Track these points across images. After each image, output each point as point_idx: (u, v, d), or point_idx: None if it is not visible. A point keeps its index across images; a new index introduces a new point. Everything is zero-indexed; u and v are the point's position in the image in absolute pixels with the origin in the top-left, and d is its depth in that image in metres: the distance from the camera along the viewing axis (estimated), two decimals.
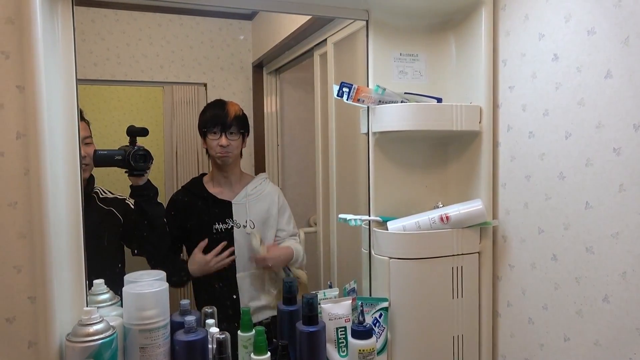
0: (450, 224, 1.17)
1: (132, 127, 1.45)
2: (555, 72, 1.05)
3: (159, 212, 1.49)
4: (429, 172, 1.29)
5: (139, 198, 1.44)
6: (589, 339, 1.00)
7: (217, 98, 1.71)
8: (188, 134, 2.21)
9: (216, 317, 1.13)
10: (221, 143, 1.58)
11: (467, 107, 1.19)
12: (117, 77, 2.08)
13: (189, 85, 2.22)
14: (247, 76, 2.26)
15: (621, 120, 0.92)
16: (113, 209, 1.49)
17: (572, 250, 1.02)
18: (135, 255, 1.51)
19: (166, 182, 2.19)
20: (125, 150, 1.40)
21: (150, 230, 1.48)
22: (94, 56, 2.04)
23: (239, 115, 1.63)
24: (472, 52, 1.22)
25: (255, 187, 1.68)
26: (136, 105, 2.36)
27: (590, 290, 0.99)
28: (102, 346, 0.86)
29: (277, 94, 2.26)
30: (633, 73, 0.89)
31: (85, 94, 2.16)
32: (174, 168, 2.23)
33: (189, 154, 2.21)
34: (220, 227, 1.60)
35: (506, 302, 1.21)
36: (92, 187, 1.47)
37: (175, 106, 2.24)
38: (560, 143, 1.04)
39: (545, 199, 1.09)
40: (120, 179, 1.53)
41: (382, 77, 1.24)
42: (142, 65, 2.11)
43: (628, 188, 0.91)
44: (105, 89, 2.25)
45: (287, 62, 2.07)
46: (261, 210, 1.65)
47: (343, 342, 1.14)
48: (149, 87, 2.27)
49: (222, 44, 2.24)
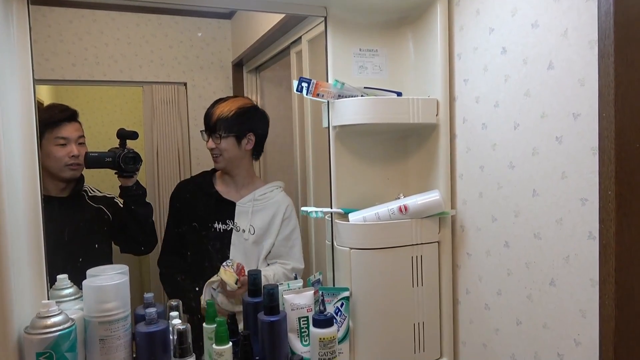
0: (409, 215, 1.20)
1: (123, 129, 1.49)
2: (504, 65, 1.08)
3: (147, 212, 1.52)
4: (389, 165, 1.32)
5: (128, 198, 1.48)
6: (539, 322, 1.03)
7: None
8: (169, 134, 2.22)
9: (181, 309, 1.16)
10: (208, 146, 1.53)
11: (424, 100, 1.22)
12: (95, 77, 2.09)
13: (169, 85, 2.23)
14: (227, 75, 2.27)
15: (562, 110, 0.95)
16: (102, 207, 1.52)
17: (522, 236, 1.06)
18: (123, 252, 1.53)
19: (147, 183, 2.20)
20: (115, 152, 1.45)
21: (139, 229, 1.51)
22: (72, 57, 2.04)
23: (226, 116, 1.51)
24: (429, 47, 1.25)
25: (264, 194, 1.59)
26: (118, 105, 2.37)
27: (538, 275, 1.02)
28: (60, 338, 0.88)
29: (257, 92, 2.28)
30: (572, 63, 0.92)
31: (65, 95, 2.19)
32: (155, 168, 2.24)
33: (170, 153, 2.22)
34: (219, 227, 1.54)
35: (465, 289, 1.24)
36: (82, 186, 1.50)
37: (155, 106, 2.24)
38: (509, 133, 1.08)
39: (497, 188, 1.12)
40: (107, 178, 1.56)
41: (343, 72, 1.27)
42: (120, 65, 2.12)
43: (569, 175, 0.94)
44: (85, 89, 2.26)
45: (266, 61, 2.09)
46: (264, 218, 1.56)
47: (305, 331, 1.17)
48: (129, 87, 2.28)
49: (201, 43, 2.24)
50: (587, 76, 0.89)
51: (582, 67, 0.90)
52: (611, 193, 0.85)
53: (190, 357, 1.01)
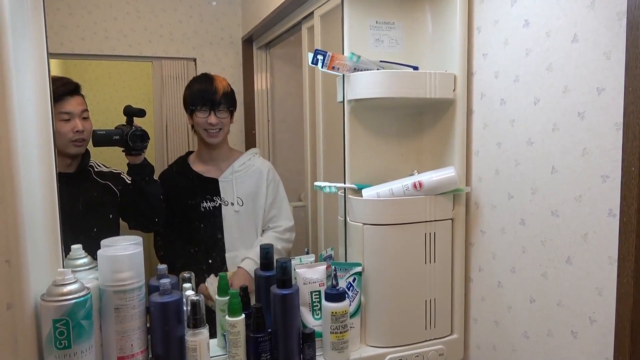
0: (423, 191, 1.19)
1: (130, 107, 1.47)
2: (526, 38, 1.05)
3: (155, 189, 1.53)
4: (404, 141, 1.31)
5: (136, 176, 1.48)
6: (553, 299, 1.02)
7: (203, 72, 1.70)
8: (178, 110, 2.21)
9: (194, 281, 1.16)
10: (210, 121, 1.57)
11: (441, 74, 1.20)
12: (105, 52, 2.07)
13: (178, 60, 2.21)
14: (237, 51, 2.25)
15: (586, 84, 0.92)
16: (109, 183, 1.52)
17: (539, 214, 1.04)
18: (132, 229, 1.54)
19: (157, 159, 2.21)
20: (123, 130, 1.43)
21: (147, 206, 1.51)
22: (81, 30, 2.03)
23: (228, 91, 1.61)
24: (448, 20, 1.22)
25: (242, 164, 1.66)
26: (126, 80, 2.36)
27: (554, 253, 1.01)
28: (76, 305, 0.88)
29: (267, 69, 2.25)
30: (598, 36, 0.90)
31: (74, 69, 2.17)
32: (164, 144, 2.24)
33: (179, 129, 2.22)
34: (208, 205, 1.60)
35: (478, 267, 1.24)
36: (88, 161, 1.49)
37: (164, 81, 2.23)
38: (529, 109, 1.05)
39: (515, 165, 1.10)
40: (114, 154, 1.55)
41: (358, 45, 1.24)
42: (130, 40, 2.10)
43: (591, 151, 0.92)
44: (94, 64, 2.24)
45: (277, 37, 2.06)
46: (249, 187, 1.63)
47: (317, 305, 1.18)
48: (138, 62, 2.26)
49: (211, 18, 2.22)
50: (613, 49, 0.86)
51: (609, 40, 0.87)
52: (635, 169, 0.83)
53: (204, 327, 1.02)
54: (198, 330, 1.01)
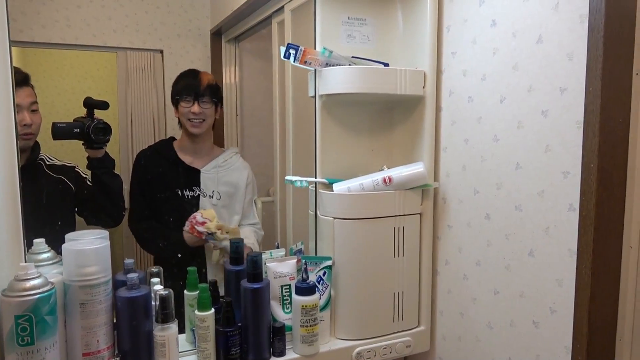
0: (392, 186, 1.21)
1: (90, 99, 1.42)
2: (493, 38, 1.09)
3: (117, 184, 1.50)
4: (374, 136, 1.32)
5: (97, 170, 1.44)
6: (516, 291, 1.06)
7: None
8: (144, 102, 2.16)
9: (162, 276, 1.14)
10: (193, 110, 1.59)
11: (411, 72, 1.22)
12: (67, 41, 2.00)
13: (145, 52, 2.15)
14: (205, 44, 2.21)
15: (549, 84, 0.96)
16: (63, 177, 1.46)
17: (503, 209, 1.08)
18: (90, 225, 1.49)
19: (121, 152, 2.15)
20: (84, 122, 1.38)
21: (109, 202, 1.48)
22: (42, 17, 1.95)
23: (212, 84, 1.65)
24: (418, 18, 1.24)
25: (225, 160, 1.69)
26: (89, 71, 2.27)
27: (517, 246, 1.05)
28: (40, 301, 0.86)
29: (236, 62, 2.23)
30: (561, 38, 0.93)
31: (34, 58, 2.08)
32: (129, 138, 2.18)
33: (144, 123, 2.16)
34: (186, 194, 1.62)
35: (444, 260, 1.27)
36: (37, 155, 1.42)
37: (130, 73, 2.17)
38: (495, 107, 1.09)
39: (481, 161, 1.13)
40: (62, 148, 1.50)
41: (330, 40, 1.25)
42: (93, 29, 2.03)
43: (553, 148, 0.96)
44: (56, 53, 2.15)
45: (246, 30, 2.04)
46: (229, 183, 1.67)
47: (287, 299, 1.18)
48: (102, 53, 2.19)
49: (179, 10, 2.17)
50: (575, 50, 0.90)
51: (572, 42, 0.91)
52: (593, 166, 0.87)
53: (173, 322, 1.00)
54: (167, 325, 0.99)
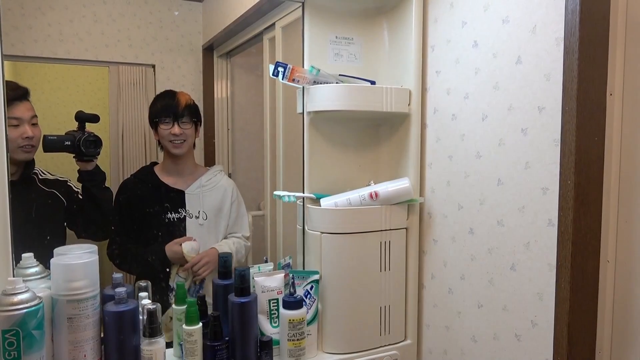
0: (379, 201, 1.24)
1: (82, 112, 1.44)
2: (475, 58, 1.12)
3: (107, 197, 1.51)
4: (361, 152, 1.35)
5: (87, 183, 1.46)
6: (499, 304, 1.08)
7: (166, 89, 1.71)
8: (135, 117, 2.18)
9: (150, 290, 1.15)
10: (174, 131, 1.58)
11: (397, 89, 1.25)
12: (59, 55, 2.02)
13: (137, 66, 2.18)
14: (197, 59, 2.24)
15: (528, 103, 0.99)
16: (55, 191, 1.48)
17: (486, 223, 1.11)
18: (80, 238, 1.50)
19: (111, 166, 2.16)
20: (75, 135, 1.40)
21: (99, 214, 1.49)
22: (34, 32, 1.97)
23: (190, 104, 1.64)
24: (404, 38, 1.28)
25: (209, 179, 1.68)
26: (81, 85, 2.30)
27: (500, 260, 1.07)
28: (27, 315, 0.86)
29: (227, 77, 2.26)
30: (539, 59, 0.97)
31: (25, 72, 2.10)
32: (120, 152, 2.19)
33: (136, 137, 2.18)
34: (172, 217, 1.60)
35: (430, 274, 1.29)
36: (32, 169, 1.44)
37: (121, 87, 2.19)
38: (478, 124, 1.12)
39: (464, 177, 1.16)
40: (58, 162, 1.51)
41: (318, 58, 1.28)
42: (86, 44, 2.05)
43: (532, 165, 0.99)
44: (48, 67, 2.18)
45: (238, 46, 2.08)
46: (214, 202, 1.66)
47: (275, 313, 1.19)
48: (94, 67, 2.21)
49: (171, 25, 2.20)
50: (552, 71, 0.94)
51: (549, 63, 0.94)
52: (570, 182, 0.90)
53: (160, 336, 1.01)
54: (154, 340, 1.00)
